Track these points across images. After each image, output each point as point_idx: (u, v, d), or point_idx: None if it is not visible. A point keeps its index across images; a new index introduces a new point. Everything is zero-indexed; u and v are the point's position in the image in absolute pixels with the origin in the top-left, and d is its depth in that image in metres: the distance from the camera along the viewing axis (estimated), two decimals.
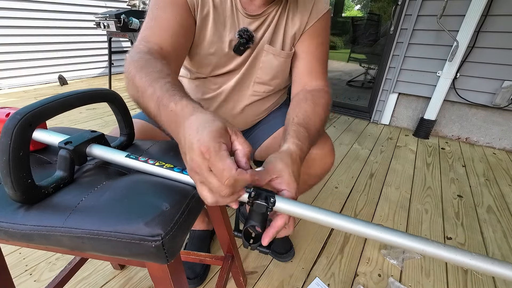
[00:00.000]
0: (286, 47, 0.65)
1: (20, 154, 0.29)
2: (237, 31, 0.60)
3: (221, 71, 0.65)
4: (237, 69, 0.66)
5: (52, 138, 0.39)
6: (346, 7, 3.26)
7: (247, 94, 0.70)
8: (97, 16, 2.35)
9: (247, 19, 0.60)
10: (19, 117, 0.29)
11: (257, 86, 0.69)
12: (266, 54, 0.64)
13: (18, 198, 0.31)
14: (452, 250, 0.30)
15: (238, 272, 0.76)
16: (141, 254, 0.30)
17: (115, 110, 0.45)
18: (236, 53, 0.62)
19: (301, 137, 0.47)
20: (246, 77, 0.67)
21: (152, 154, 0.46)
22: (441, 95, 1.91)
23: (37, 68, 3.02)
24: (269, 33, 0.62)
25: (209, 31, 0.59)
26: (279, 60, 0.65)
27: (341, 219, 0.32)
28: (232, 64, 0.64)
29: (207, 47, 0.61)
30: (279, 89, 0.74)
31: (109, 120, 2.09)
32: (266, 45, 0.63)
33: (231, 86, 0.67)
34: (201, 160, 0.28)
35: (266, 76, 0.67)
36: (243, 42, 0.60)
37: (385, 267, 0.92)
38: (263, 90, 0.70)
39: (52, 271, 0.84)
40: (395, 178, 1.49)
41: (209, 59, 0.62)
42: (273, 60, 0.65)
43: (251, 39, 0.60)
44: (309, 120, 0.53)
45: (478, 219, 1.18)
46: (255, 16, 0.60)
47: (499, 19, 1.66)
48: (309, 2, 0.62)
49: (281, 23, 0.63)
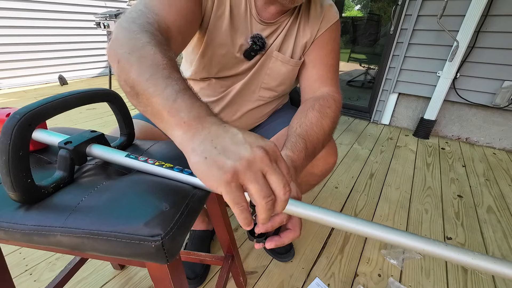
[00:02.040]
0: (295, 56, 0.65)
1: (20, 154, 0.29)
2: (250, 36, 0.60)
3: (228, 74, 0.65)
4: (244, 73, 0.66)
5: (52, 138, 0.39)
6: (346, 7, 3.25)
7: (252, 99, 0.70)
8: (97, 16, 2.35)
9: (261, 25, 0.60)
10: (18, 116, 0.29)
11: (263, 91, 0.69)
12: (275, 61, 0.64)
13: (17, 198, 0.31)
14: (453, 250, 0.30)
15: (238, 272, 0.76)
16: (141, 254, 0.30)
17: (115, 110, 0.45)
18: (246, 57, 0.62)
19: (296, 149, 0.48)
20: (252, 82, 0.67)
21: (152, 154, 0.46)
22: (441, 95, 1.91)
23: (37, 68, 3.02)
24: (279, 40, 0.63)
25: (223, 33, 0.58)
26: (287, 68, 0.65)
27: (342, 218, 0.32)
28: (240, 68, 0.64)
29: (218, 47, 0.60)
30: (283, 94, 0.74)
31: (109, 120, 2.09)
32: (275, 52, 0.63)
33: (237, 90, 0.67)
34: (274, 154, 0.27)
35: (273, 82, 0.67)
36: (256, 48, 0.60)
37: (385, 267, 0.92)
38: (269, 95, 0.70)
39: (52, 271, 0.84)
40: (395, 178, 1.49)
41: (218, 59, 0.62)
42: (281, 67, 0.65)
43: (264, 46, 0.61)
44: (312, 132, 0.52)
45: (478, 219, 1.18)
46: (269, 23, 0.60)
47: (499, 19, 1.66)
48: (320, 12, 0.63)
49: (292, 32, 0.63)
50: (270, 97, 0.71)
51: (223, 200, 0.58)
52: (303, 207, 0.33)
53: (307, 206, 0.33)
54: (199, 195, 0.37)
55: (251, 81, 0.67)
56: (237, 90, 0.67)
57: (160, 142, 0.51)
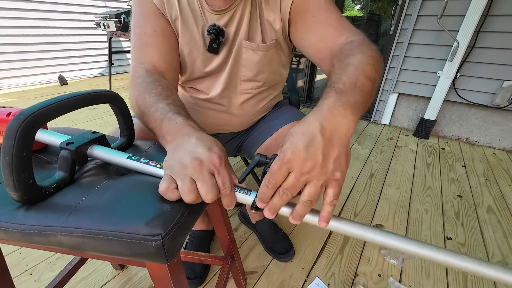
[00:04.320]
0: (267, 39, 0.62)
1: (23, 154, 0.29)
2: (206, 29, 0.59)
3: (204, 72, 0.65)
4: (221, 71, 0.66)
5: (53, 139, 0.39)
6: (346, 7, 3.25)
7: (237, 94, 0.70)
8: (97, 16, 2.35)
9: (215, 15, 0.59)
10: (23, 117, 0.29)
11: (244, 84, 0.68)
12: (246, 51, 0.63)
13: (19, 198, 0.31)
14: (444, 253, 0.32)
15: (238, 272, 0.76)
16: (141, 254, 0.30)
17: (116, 111, 0.45)
18: (211, 52, 0.62)
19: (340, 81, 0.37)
20: (232, 77, 0.67)
21: (151, 154, 0.46)
22: (441, 95, 1.92)
23: (37, 68, 3.03)
24: (245, 29, 0.60)
25: (181, 33, 0.59)
26: (259, 55, 0.63)
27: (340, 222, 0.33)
28: (213, 64, 0.64)
29: (183, 48, 0.61)
30: (270, 85, 0.73)
31: (109, 120, 2.10)
32: (244, 41, 0.61)
33: (221, 89, 0.67)
34: (210, 164, 0.33)
35: (250, 72, 0.66)
36: (213, 38, 0.59)
37: (385, 267, 0.92)
38: (251, 86, 0.69)
39: (52, 271, 0.84)
40: (395, 178, 1.49)
41: (187, 60, 0.63)
42: (253, 56, 0.63)
43: (220, 33, 0.59)
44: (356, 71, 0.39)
45: (478, 219, 1.18)
46: (221, 11, 0.58)
47: (499, 19, 1.66)
48: None
49: (254, 16, 0.60)
50: (253, 88, 0.70)
51: None
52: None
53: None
54: None
55: (230, 77, 0.66)
56: (221, 88, 0.67)
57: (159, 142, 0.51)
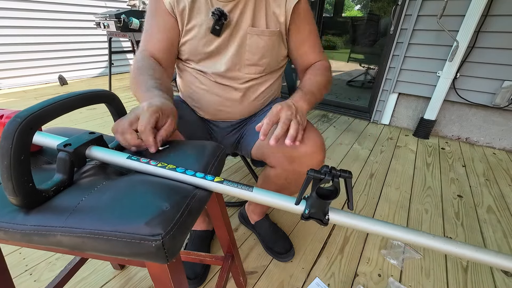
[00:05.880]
0: (270, 25, 0.69)
1: (22, 158, 0.29)
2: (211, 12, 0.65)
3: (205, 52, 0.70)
4: (220, 52, 0.70)
5: (50, 141, 0.39)
6: (346, 7, 3.26)
7: (241, 78, 0.73)
8: (97, 16, 2.35)
9: (221, 2, 0.65)
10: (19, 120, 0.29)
11: (248, 68, 0.72)
12: (251, 36, 0.68)
13: (19, 202, 0.30)
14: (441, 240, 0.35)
15: (238, 272, 0.76)
16: (141, 253, 0.30)
17: (113, 111, 0.45)
18: (213, 33, 0.67)
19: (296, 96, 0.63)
20: (235, 62, 0.71)
21: (149, 152, 0.46)
22: (441, 95, 1.91)
23: (37, 68, 3.02)
24: (250, 16, 0.67)
25: (186, 21, 0.67)
26: (264, 40, 0.69)
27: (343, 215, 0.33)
28: (213, 45, 0.69)
29: (188, 35, 0.68)
30: (270, 71, 0.77)
31: (109, 120, 2.09)
32: (249, 28, 0.67)
33: (222, 71, 0.71)
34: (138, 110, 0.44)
35: (254, 56, 0.71)
36: (215, 19, 0.64)
37: (385, 267, 0.92)
38: (254, 71, 0.73)
39: (52, 271, 0.84)
40: (395, 178, 1.49)
41: (190, 43, 0.69)
42: (258, 41, 0.69)
43: (223, 15, 0.64)
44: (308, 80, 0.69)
45: (478, 219, 1.18)
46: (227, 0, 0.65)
47: (499, 19, 1.66)
48: None
49: (260, 5, 0.67)
50: (255, 72, 0.74)
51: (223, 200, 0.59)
52: None
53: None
54: (200, 195, 0.37)
55: (233, 61, 0.70)
56: (223, 71, 0.71)
57: None
